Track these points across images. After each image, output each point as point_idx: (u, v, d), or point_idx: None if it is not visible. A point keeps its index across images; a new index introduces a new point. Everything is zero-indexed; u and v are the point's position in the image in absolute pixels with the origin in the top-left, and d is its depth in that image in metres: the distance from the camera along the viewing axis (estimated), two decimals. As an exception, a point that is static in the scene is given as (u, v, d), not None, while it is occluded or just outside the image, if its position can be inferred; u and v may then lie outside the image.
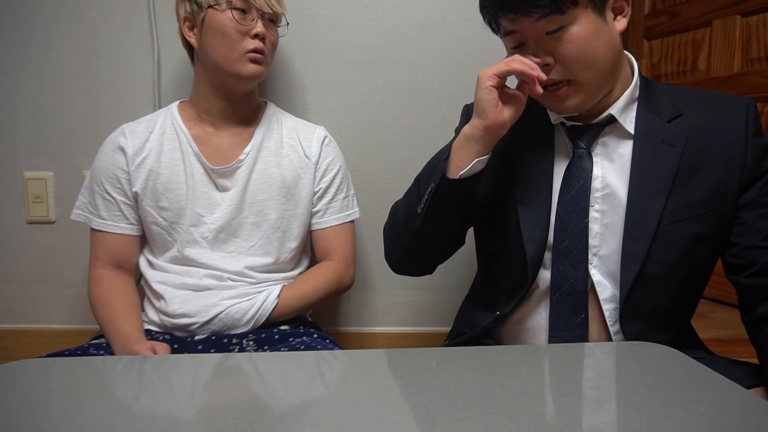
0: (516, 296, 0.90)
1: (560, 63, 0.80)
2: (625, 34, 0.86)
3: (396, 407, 0.53)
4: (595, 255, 0.87)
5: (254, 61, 1.06)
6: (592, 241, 0.87)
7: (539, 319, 0.91)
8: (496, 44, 1.40)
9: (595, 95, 0.84)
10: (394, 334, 1.46)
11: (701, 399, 0.55)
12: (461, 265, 0.98)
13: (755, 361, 0.84)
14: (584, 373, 0.63)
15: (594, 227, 0.87)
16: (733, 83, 1.80)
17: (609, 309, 0.86)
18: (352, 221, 1.23)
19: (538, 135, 0.91)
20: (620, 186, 0.85)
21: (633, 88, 0.86)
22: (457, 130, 1.00)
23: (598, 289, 0.87)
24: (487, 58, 1.37)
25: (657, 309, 0.86)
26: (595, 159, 0.87)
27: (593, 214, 0.87)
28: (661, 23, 2.09)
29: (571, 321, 0.87)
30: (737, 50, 1.80)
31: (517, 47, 0.85)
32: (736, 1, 1.78)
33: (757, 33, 1.73)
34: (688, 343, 0.92)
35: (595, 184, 0.87)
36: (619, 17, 0.83)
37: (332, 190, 1.19)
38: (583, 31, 0.78)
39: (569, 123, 0.89)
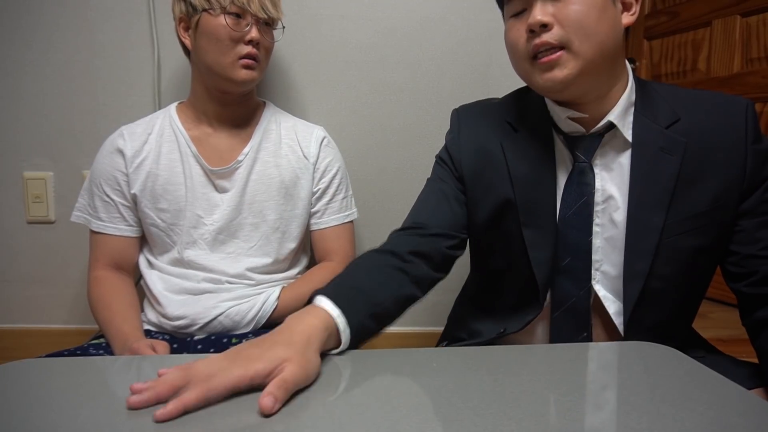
0: (525, 317, 0.88)
1: (560, 24, 0.75)
2: (625, 35, 0.85)
3: (396, 407, 0.53)
4: (597, 270, 0.85)
5: (247, 67, 1.06)
6: (594, 257, 0.84)
7: (541, 335, 0.90)
8: (496, 44, 1.41)
9: (587, 77, 0.78)
10: (393, 334, 1.46)
11: (702, 399, 0.55)
12: (461, 264, 0.98)
13: (756, 361, 0.83)
14: (584, 373, 0.63)
15: (596, 241, 0.84)
16: (733, 83, 1.80)
17: (617, 324, 0.85)
18: (351, 221, 1.23)
19: (538, 146, 0.87)
20: (620, 197, 0.83)
21: (629, 91, 0.83)
22: (448, 138, 0.98)
23: (606, 304, 0.85)
24: (488, 58, 1.38)
25: (659, 323, 0.85)
26: (595, 171, 0.84)
27: (594, 228, 0.84)
28: (661, 23, 2.09)
29: (573, 340, 0.86)
30: (737, 50, 1.80)
31: (519, 14, 0.80)
32: (736, 1, 1.78)
33: (757, 33, 1.73)
34: (689, 344, 0.91)
35: (596, 197, 0.84)
36: (625, 13, 0.80)
37: (331, 190, 1.19)
38: None
39: (568, 131, 0.85)
